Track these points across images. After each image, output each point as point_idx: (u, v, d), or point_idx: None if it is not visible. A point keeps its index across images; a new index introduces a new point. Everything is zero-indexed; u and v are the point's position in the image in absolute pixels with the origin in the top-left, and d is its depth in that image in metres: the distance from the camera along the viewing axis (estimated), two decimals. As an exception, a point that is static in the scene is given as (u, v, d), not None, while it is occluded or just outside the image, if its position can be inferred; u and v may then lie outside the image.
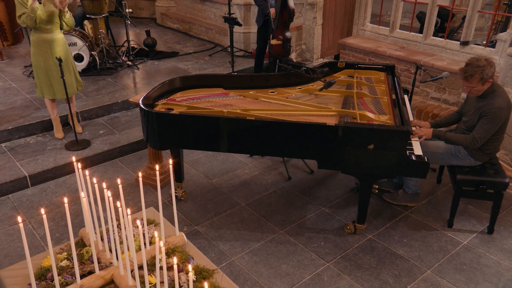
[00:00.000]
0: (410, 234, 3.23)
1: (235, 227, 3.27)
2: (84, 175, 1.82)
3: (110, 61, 5.91)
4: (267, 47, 5.38)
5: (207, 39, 7.53)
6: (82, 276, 1.78)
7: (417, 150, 2.94)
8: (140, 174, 1.81)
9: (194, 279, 1.79)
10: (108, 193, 1.67)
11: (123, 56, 6.16)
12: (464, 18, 5.75)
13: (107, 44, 6.01)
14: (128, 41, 6.16)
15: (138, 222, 1.58)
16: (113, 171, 4.03)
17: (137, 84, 5.48)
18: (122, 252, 1.85)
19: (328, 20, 6.66)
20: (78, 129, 4.42)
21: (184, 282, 1.75)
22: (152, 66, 6.10)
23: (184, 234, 2.06)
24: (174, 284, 1.56)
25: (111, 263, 1.85)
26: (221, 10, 7.43)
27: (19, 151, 4.11)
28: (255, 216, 3.40)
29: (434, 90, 5.08)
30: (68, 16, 3.96)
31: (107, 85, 5.37)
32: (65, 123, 4.53)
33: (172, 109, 3.10)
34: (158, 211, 2.03)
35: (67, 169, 3.93)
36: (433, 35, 5.44)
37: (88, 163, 4.03)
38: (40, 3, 3.62)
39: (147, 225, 2.09)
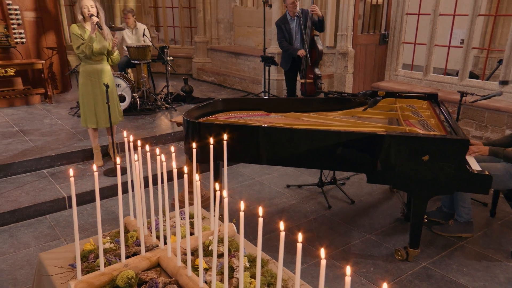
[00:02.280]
0: (469, 264, 2.91)
1: (275, 250, 3.05)
2: (136, 145, 1.79)
3: (149, 103, 6.16)
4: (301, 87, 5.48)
5: (241, 88, 7.80)
6: (126, 258, 1.66)
7: (475, 166, 2.76)
8: (194, 145, 1.76)
9: (248, 265, 1.63)
10: (162, 157, 1.62)
11: (161, 100, 6.42)
12: (500, 61, 5.76)
13: (148, 88, 6.31)
14: (167, 86, 6.47)
15: (196, 183, 1.49)
16: (149, 197, 3.98)
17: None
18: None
19: (359, 69, 6.83)
20: (117, 157, 4.47)
21: (237, 266, 1.60)
22: (189, 108, 6.28)
23: (234, 225, 1.93)
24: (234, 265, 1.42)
25: (157, 245, 1.73)
26: (254, 62, 7.79)
27: (59, 176, 4.16)
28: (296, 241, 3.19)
29: (475, 128, 4.94)
30: (115, 54, 4.25)
31: (146, 123, 5.53)
32: (105, 153, 4.61)
33: (215, 125, 3.10)
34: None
35: (105, 194, 3.91)
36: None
37: (125, 188, 4.00)
38: (101, 29, 3.90)
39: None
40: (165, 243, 1.74)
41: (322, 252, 1.11)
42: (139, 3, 9.22)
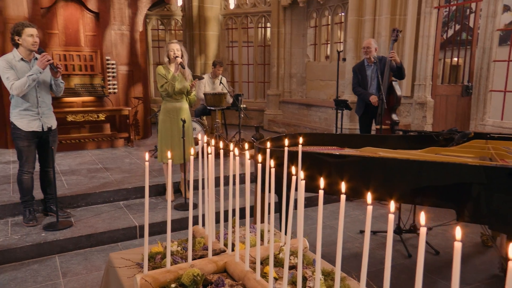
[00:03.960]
0: None
1: (349, 294, 2.75)
2: (209, 143, 1.78)
3: (221, 148, 6.34)
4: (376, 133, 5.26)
5: (311, 139, 7.75)
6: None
7: None
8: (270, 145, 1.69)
9: (322, 279, 1.45)
10: (236, 151, 1.58)
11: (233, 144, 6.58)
12: None
13: (220, 134, 6.55)
14: (239, 132, 6.66)
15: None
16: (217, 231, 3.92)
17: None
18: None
19: (439, 120, 6.46)
20: (188, 194, 4.55)
21: (310, 276, 1.42)
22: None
23: (306, 240, 1.77)
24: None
25: (224, 250, 1.63)
26: (326, 113, 7.78)
27: (133, 208, 4.31)
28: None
29: None
30: (192, 95, 4.52)
31: (216, 164, 5.64)
32: (177, 189, 4.73)
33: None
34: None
35: (173, 226, 3.92)
36: None
37: (194, 222, 4.01)
38: (183, 68, 4.22)
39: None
40: (232, 250, 1.63)
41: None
42: (218, 59, 9.96)
